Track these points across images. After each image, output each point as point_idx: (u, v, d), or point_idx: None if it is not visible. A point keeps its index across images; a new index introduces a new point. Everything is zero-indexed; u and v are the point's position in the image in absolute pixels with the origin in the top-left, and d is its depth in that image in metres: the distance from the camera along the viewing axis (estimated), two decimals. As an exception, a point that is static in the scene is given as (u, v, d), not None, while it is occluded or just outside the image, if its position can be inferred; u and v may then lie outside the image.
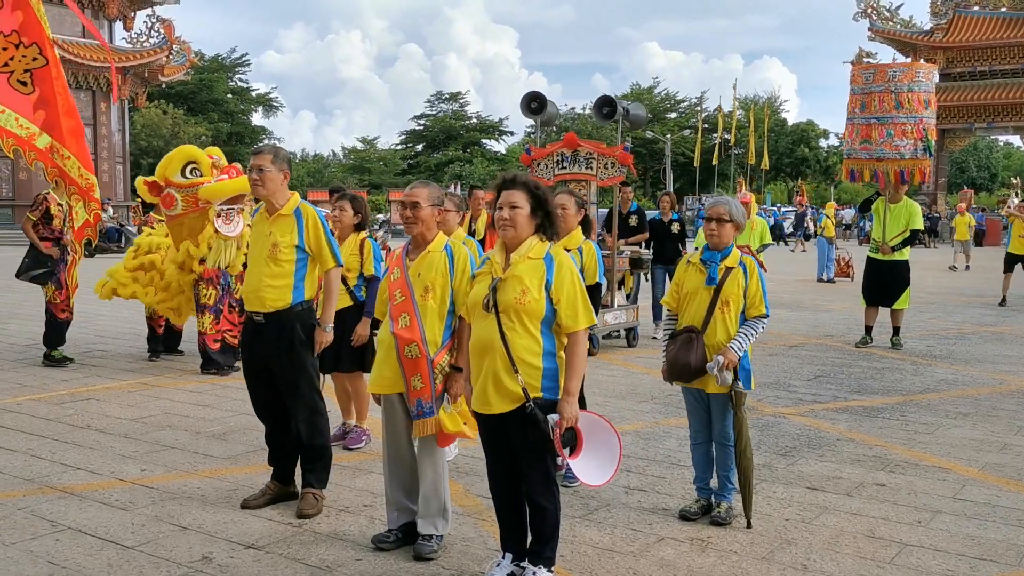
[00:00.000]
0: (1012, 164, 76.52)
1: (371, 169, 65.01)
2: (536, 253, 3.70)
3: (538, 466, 3.73)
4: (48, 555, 4.17)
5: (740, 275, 4.64)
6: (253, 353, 4.87)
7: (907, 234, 10.19)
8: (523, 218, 3.70)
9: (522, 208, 3.70)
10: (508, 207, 3.70)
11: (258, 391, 4.93)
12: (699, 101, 67.72)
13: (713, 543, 4.42)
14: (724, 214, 4.68)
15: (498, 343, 3.64)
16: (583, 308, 3.68)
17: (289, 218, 4.76)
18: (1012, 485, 5.37)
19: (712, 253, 4.70)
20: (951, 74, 43.35)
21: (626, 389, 8.05)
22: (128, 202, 37.88)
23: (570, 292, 3.67)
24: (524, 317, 3.64)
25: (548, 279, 3.66)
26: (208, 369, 8.55)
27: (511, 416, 3.67)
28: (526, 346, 3.65)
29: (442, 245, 4.27)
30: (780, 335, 11.32)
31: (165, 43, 36.63)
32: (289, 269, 4.73)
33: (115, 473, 5.42)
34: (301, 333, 4.76)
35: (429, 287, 4.18)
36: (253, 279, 4.79)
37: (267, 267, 4.72)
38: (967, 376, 8.85)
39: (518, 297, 3.63)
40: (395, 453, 4.37)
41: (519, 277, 3.65)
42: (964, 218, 25.04)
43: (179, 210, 8.40)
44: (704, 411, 4.80)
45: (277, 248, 4.70)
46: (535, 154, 10.35)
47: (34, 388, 7.83)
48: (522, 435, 3.67)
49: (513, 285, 3.65)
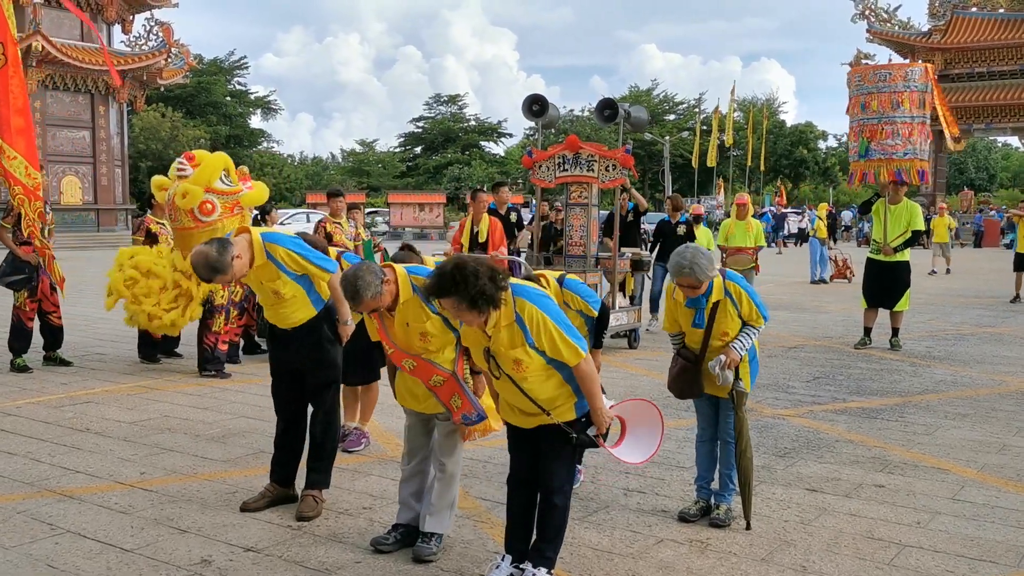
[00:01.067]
0: (1011, 165, 76.64)
1: (370, 171, 65.07)
2: (506, 319, 3.63)
3: (563, 466, 3.82)
4: (47, 558, 4.17)
5: (729, 305, 4.59)
6: (282, 360, 4.96)
7: (908, 235, 10.21)
8: (473, 316, 3.56)
9: (466, 311, 3.54)
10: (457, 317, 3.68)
11: (282, 391, 5.01)
12: (698, 103, 67.83)
13: (712, 545, 4.42)
14: (692, 282, 4.48)
15: (521, 396, 3.73)
16: (567, 349, 3.62)
17: (267, 266, 4.68)
18: (1011, 486, 5.37)
19: (697, 299, 4.63)
20: (949, 75, 43.38)
21: (625, 391, 8.04)
22: (127, 205, 37.91)
23: (549, 343, 3.61)
24: (530, 375, 3.69)
25: (529, 341, 3.62)
26: (207, 371, 8.55)
27: (543, 428, 3.79)
28: (547, 389, 3.72)
29: (409, 291, 4.11)
30: (779, 337, 11.32)
31: (164, 46, 36.61)
32: (299, 295, 4.79)
33: (114, 476, 5.42)
34: (328, 331, 4.88)
35: (424, 332, 4.12)
36: (270, 310, 4.88)
37: (281, 303, 4.79)
38: (966, 377, 8.85)
39: (515, 371, 3.67)
40: (413, 458, 4.42)
41: (504, 354, 3.66)
42: (943, 219, 24.33)
43: (217, 216, 8.35)
44: (711, 408, 4.81)
45: (278, 293, 4.76)
46: (536, 156, 10.35)
47: (33, 391, 7.83)
48: (551, 442, 3.78)
49: (504, 361, 3.68)
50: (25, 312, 8.82)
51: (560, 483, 3.80)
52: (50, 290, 8.97)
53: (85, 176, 35.48)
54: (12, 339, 8.84)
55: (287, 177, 59.85)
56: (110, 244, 31.51)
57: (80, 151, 35.42)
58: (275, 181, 55.08)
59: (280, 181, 57.43)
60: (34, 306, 8.85)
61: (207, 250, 4.39)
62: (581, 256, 10.13)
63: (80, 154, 35.39)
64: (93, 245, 31.99)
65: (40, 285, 8.85)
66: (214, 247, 4.41)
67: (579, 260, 10.12)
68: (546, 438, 3.80)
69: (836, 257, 20.80)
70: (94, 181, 35.77)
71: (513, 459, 4.00)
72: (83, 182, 35.39)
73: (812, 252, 20.49)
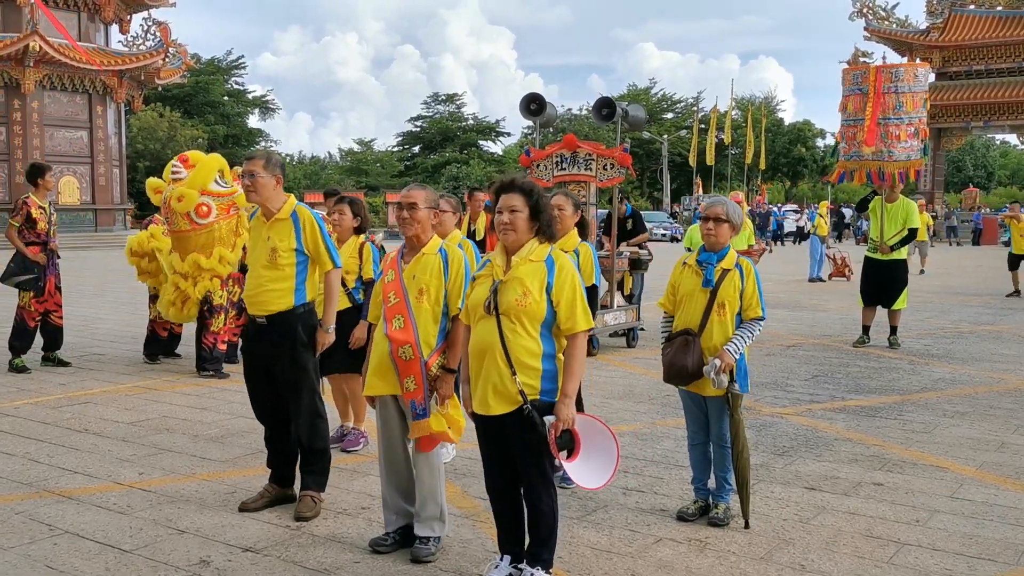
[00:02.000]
0: (1009, 163, 76.68)
1: (368, 171, 65.00)
2: (537, 256, 3.72)
3: (536, 468, 3.74)
4: (46, 559, 4.17)
5: (736, 277, 4.63)
6: (255, 355, 4.88)
7: (905, 233, 10.21)
8: (523, 221, 3.71)
9: (521, 212, 3.71)
10: (508, 211, 3.71)
11: (258, 393, 4.94)
12: (696, 101, 67.82)
13: (711, 544, 4.42)
14: (721, 214, 4.68)
15: (498, 345, 3.64)
16: (582, 311, 3.68)
17: (286, 222, 4.75)
18: (1010, 484, 5.37)
19: (708, 255, 4.70)
20: (947, 73, 43.40)
21: (623, 390, 8.05)
22: (125, 205, 37.89)
23: (570, 295, 3.68)
24: (525, 319, 3.65)
25: (549, 281, 3.67)
26: (205, 371, 8.55)
27: (510, 418, 3.67)
28: (526, 348, 3.65)
29: (437, 248, 4.28)
30: (777, 335, 11.33)
31: (161, 46, 36.59)
32: (289, 272, 4.73)
33: (113, 477, 5.42)
34: (303, 335, 4.77)
35: (423, 289, 4.19)
36: (254, 283, 4.79)
37: (267, 271, 4.72)
38: (964, 375, 8.86)
39: (519, 299, 3.63)
40: (390, 456, 4.37)
41: (520, 279, 3.66)
42: (922, 216, 24.23)
43: (213, 218, 8.35)
44: (701, 412, 4.80)
45: (276, 252, 4.70)
46: (534, 155, 10.35)
47: (31, 392, 7.83)
48: (520, 437, 3.68)
49: (514, 287, 3.65)
50: (29, 312, 8.83)
51: (541, 491, 3.74)
52: (55, 289, 8.97)
53: (83, 176, 35.47)
54: (13, 338, 8.84)
55: (285, 177, 59.80)
56: (108, 244, 31.53)
57: (78, 151, 35.42)
58: (273, 181, 54.93)
59: (278, 181, 57.32)
60: (40, 307, 8.86)
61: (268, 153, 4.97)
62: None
63: (78, 154, 35.39)
64: (91, 245, 31.99)
65: (47, 285, 8.86)
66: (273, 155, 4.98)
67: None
68: (519, 445, 3.71)
69: (835, 255, 20.79)
70: (92, 181, 35.76)
71: (486, 468, 3.94)
72: (81, 182, 35.38)
73: (812, 250, 20.48)
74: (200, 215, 8.30)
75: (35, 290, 8.78)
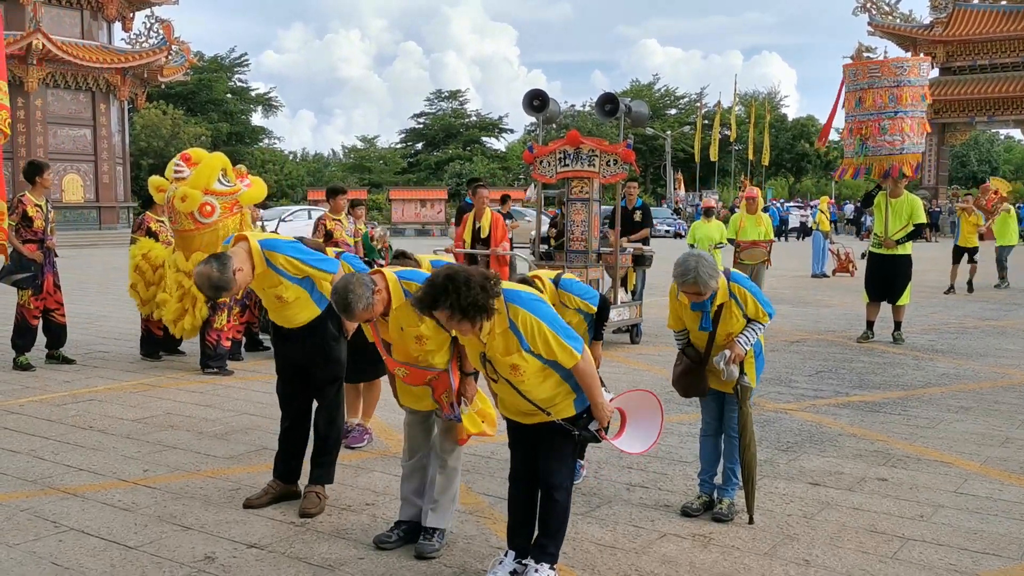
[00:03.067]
0: (1013, 158, 76.44)
1: (371, 168, 64.98)
2: (500, 326, 3.60)
3: (563, 462, 3.82)
4: (51, 556, 4.18)
5: (734, 307, 4.58)
6: (288, 356, 4.96)
7: (910, 228, 10.21)
8: (463, 326, 3.54)
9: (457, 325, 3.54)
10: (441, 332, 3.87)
11: (287, 389, 5.02)
12: (699, 97, 67.72)
13: (715, 539, 4.43)
14: (698, 291, 4.43)
15: (520, 400, 3.72)
16: (562, 351, 3.58)
17: (268, 273, 4.65)
18: (1014, 479, 5.36)
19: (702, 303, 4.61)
20: (951, 68, 43.34)
21: (627, 386, 8.03)
22: (129, 203, 37.93)
23: (545, 346, 3.57)
24: (528, 378, 3.67)
25: (524, 346, 3.59)
26: (210, 368, 8.56)
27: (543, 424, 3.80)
28: (545, 389, 3.71)
29: (401, 297, 4.05)
30: (782, 331, 11.31)
31: (164, 44, 36.59)
32: (302, 296, 4.78)
33: (117, 474, 5.43)
34: (332, 328, 4.89)
35: (419, 336, 4.08)
36: (276, 314, 4.87)
37: (285, 306, 4.79)
38: (969, 370, 8.84)
39: (512, 375, 3.66)
40: (413, 455, 4.42)
41: (500, 360, 3.64)
42: None
43: (216, 217, 8.36)
44: (717, 402, 4.81)
45: (281, 298, 4.75)
46: (538, 152, 10.34)
47: (36, 390, 7.84)
48: (551, 434, 3.79)
49: (502, 367, 3.66)
50: (29, 310, 8.82)
51: (561, 480, 3.80)
52: (54, 288, 8.97)
53: (86, 174, 35.50)
54: (15, 337, 8.84)
55: (288, 174, 59.82)
56: (112, 242, 31.55)
57: (81, 149, 35.45)
58: (276, 178, 55.06)
59: (281, 178, 57.41)
60: (39, 304, 8.85)
61: (208, 270, 4.34)
62: (583, 251, 10.13)
63: (81, 152, 35.42)
64: (95, 243, 32.02)
65: (44, 283, 8.85)
66: (214, 266, 4.35)
67: (580, 255, 10.11)
68: (546, 435, 3.80)
69: (838, 251, 20.76)
70: (95, 179, 35.80)
71: (513, 456, 4.00)
72: (84, 180, 35.42)
73: (815, 246, 20.47)
74: (204, 214, 8.31)
75: (33, 288, 8.77)
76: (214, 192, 8.35)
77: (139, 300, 9.30)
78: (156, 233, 9.43)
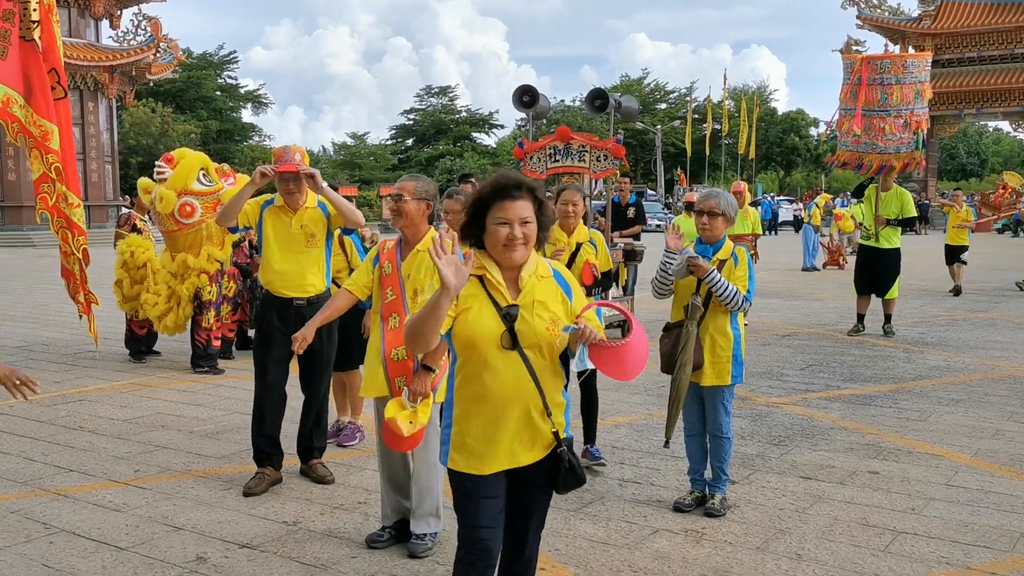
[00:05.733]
0: (1002, 150, 76.76)
1: (361, 164, 64.83)
2: (543, 271, 2.99)
3: (541, 521, 3.14)
4: (42, 558, 4.16)
5: (731, 266, 4.66)
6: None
7: (903, 216, 10.25)
8: (534, 233, 2.92)
9: (533, 221, 2.90)
10: (520, 223, 2.85)
11: (273, 374, 5.14)
12: (689, 91, 67.78)
13: (708, 534, 4.43)
14: (715, 207, 4.66)
15: (531, 389, 2.89)
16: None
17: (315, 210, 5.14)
18: (1004, 471, 5.39)
19: (704, 247, 4.71)
20: (940, 61, 43.39)
21: (619, 381, 8.04)
22: (118, 201, 37.74)
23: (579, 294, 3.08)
24: (550, 351, 2.93)
25: (569, 299, 3.00)
26: (200, 367, 8.53)
27: (537, 466, 2.96)
28: (556, 385, 2.98)
29: (429, 244, 4.15)
30: (772, 325, 11.34)
31: (152, 41, 36.39)
32: (321, 255, 5.17)
33: (108, 474, 5.41)
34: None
35: (418, 290, 4.09)
36: (292, 268, 5.05)
37: (307, 255, 5.08)
38: (959, 363, 8.88)
39: (549, 327, 2.88)
40: (388, 452, 4.36)
41: (543, 303, 2.91)
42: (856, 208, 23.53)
43: (198, 217, 8.36)
44: (698, 403, 4.81)
45: (314, 236, 5.08)
46: (527, 147, 10.32)
47: (26, 390, 7.79)
48: (543, 488, 3.02)
49: (539, 314, 2.88)
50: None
51: (537, 542, 3.16)
52: None
53: (75, 173, 35.29)
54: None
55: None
56: (101, 241, 31.37)
57: (69, 147, 35.22)
58: (267, 175, 54.82)
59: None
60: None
61: None
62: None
63: (69, 150, 35.19)
64: (84, 242, 31.83)
65: None
66: None
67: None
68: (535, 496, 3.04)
69: (829, 244, 20.80)
70: (84, 177, 35.51)
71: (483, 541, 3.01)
72: (73, 179, 35.20)
73: (805, 239, 20.53)
74: (183, 215, 8.33)
75: None
76: (192, 192, 8.36)
77: (121, 297, 9.21)
78: (140, 230, 9.46)
